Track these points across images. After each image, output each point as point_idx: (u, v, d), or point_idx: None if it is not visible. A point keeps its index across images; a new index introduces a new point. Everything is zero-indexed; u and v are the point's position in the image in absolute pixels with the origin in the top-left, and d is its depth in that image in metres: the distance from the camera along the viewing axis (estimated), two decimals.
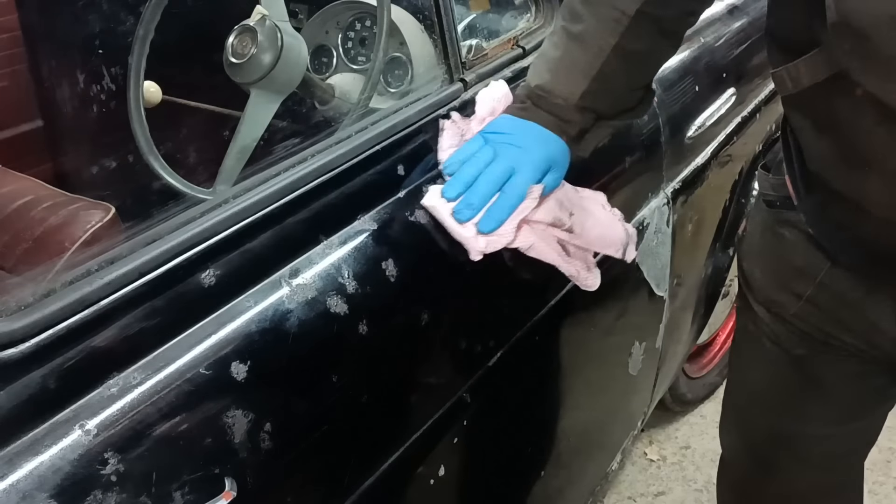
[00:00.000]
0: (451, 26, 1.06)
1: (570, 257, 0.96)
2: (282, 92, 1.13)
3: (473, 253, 0.88)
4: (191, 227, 0.76)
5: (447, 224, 0.88)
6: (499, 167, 0.89)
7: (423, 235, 0.90)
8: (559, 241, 0.95)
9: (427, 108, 1.01)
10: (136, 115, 1.19)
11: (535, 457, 1.19)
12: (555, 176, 0.93)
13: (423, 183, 0.93)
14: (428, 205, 0.89)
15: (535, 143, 0.92)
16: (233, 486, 0.67)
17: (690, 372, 2.00)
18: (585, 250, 0.98)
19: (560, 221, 0.94)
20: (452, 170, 0.91)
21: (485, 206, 0.88)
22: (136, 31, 1.20)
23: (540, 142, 0.92)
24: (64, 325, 0.65)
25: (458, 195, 0.88)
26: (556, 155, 0.93)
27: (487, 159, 0.89)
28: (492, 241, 0.88)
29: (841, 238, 0.90)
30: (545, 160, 0.91)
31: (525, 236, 0.90)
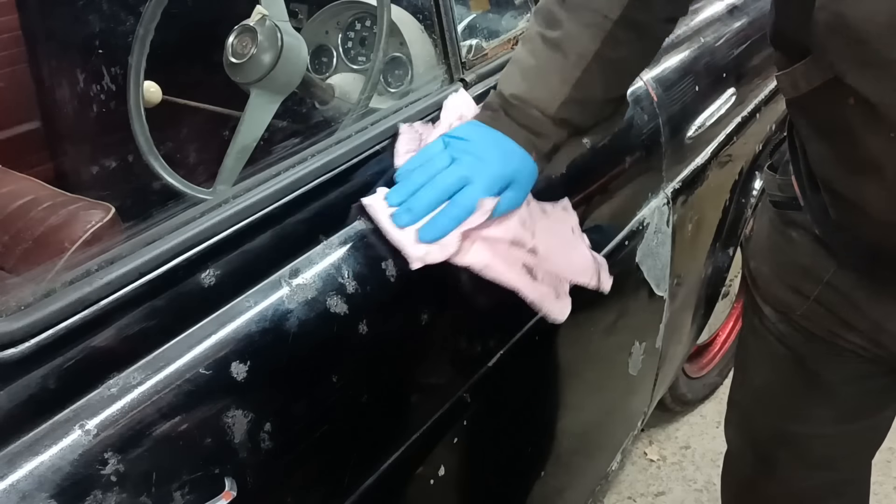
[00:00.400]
0: (451, 26, 1.06)
1: (536, 282, 0.88)
2: (282, 92, 1.13)
3: (412, 260, 0.82)
4: (191, 227, 0.76)
5: (384, 227, 0.82)
6: (451, 176, 0.83)
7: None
8: (525, 265, 0.88)
9: (427, 108, 1.01)
10: (136, 115, 1.19)
11: (535, 457, 1.19)
12: (515, 193, 0.87)
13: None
14: (366, 202, 0.84)
15: (497, 155, 0.86)
16: (233, 486, 0.67)
17: (690, 372, 2.00)
18: (557, 277, 0.91)
19: (521, 241, 0.87)
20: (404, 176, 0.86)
21: (428, 215, 0.82)
22: (136, 31, 1.20)
23: (503, 154, 0.86)
24: (64, 325, 0.65)
25: (401, 201, 0.83)
26: (518, 171, 0.87)
27: (441, 166, 0.84)
28: (432, 250, 0.82)
29: (844, 239, 0.90)
30: (504, 175, 0.85)
31: (478, 254, 0.84)
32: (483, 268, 0.85)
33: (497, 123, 0.88)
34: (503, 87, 0.91)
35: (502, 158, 0.86)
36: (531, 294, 0.87)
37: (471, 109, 0.93)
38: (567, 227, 0.96)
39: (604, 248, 1.18)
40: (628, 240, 1.24)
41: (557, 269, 0.91)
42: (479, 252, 0.84)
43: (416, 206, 0.82)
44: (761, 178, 1.75)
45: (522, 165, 0.87)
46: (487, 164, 0.84)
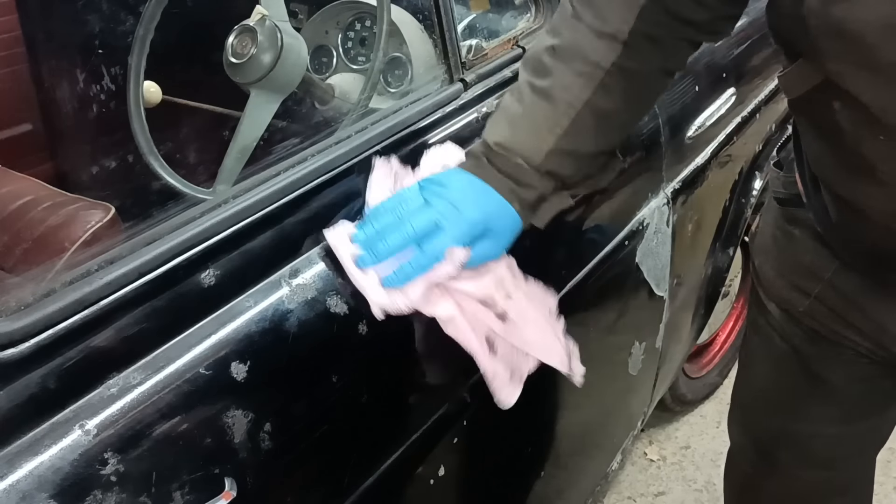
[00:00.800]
0: (451, 26, 1.06)
1: (493, 356, 0.82)
2: (282, 92, 1.13)
3: (374, 307, 0.77)
4: (191, 227, 0.76)
5: (346, 266, 0.78)
6: (421, 220, 0.78)
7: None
8: (488, 331, 0.82)
9: (427, 108, 1.01)
10: (136, 115, 1.19)
11: (535, 457, 1.19)
12: (491, 244, 0.81)
13: None
14: (329, 238, 0.80)
15: (474, 203, 0.80)
16: (233, 486, 0.67)
17: (690, 372, 2.00)
18: (518, 355, 0.84)
19: (492, 302, 0.81)
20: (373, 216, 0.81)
21: (391, 258, 0.77)
22: (136, 31, 1.20)
23: (480, 202, 0.81)
24: (64, 325, 0.65)
25: (365, 241, 0.78)
26: (495, 221, 0.81)
27: (412, 209, 0.79)
28: (396, 299, 0.77)
29: (845, 239, 0.90)
30: (479, 223, 0.80)
31: (445, 306, 0.80)
32: (447, 321, 0.80)
33: (480, 171, 0.83)
34: (488, 134, 0.86)
35: (479, 206, 0.80)
36: (484, 365, 0.81)
37: (455, 159, 0.88)
38: (544, 305, 0.88)
39: (604, 248, 1.18)
40: (628, 240, 1.24)
41: (524, 344, 0.84)
42: (445, 305, 0.80)
43: (381, 249, 0.77)
44: (762, 178, 1.76)
45: (501, 215, 0.82)
46: (462, 212, 0.79)
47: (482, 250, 0.81)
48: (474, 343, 0.81)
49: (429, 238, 0.77)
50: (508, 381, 0.83)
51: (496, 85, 1.12)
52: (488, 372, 0.82)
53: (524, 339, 0.84)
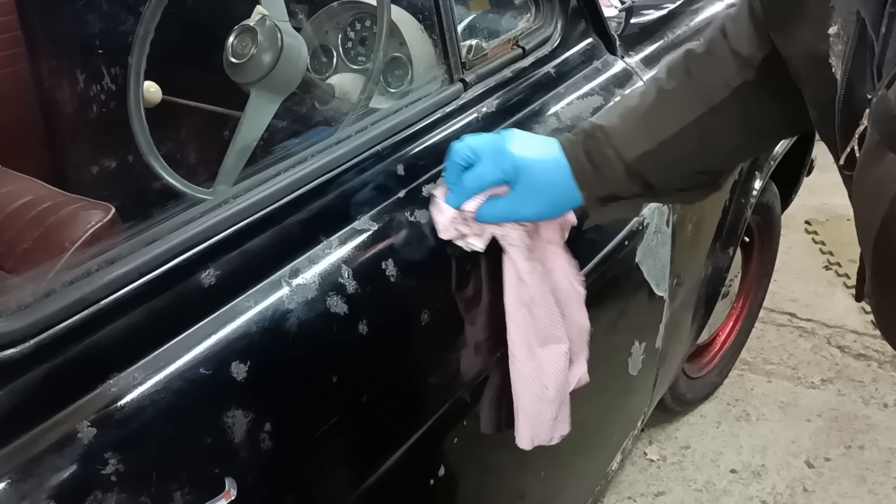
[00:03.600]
0: (451, 26, 1.06)
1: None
2: (282, 92, 1.13)
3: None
4: (191, 227, 0.76)
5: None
6: (460, 153, 0.84)
7: (424, 235, 0.90)
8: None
9: (427, 108, 1.01)
10: (136, 115, 1.19)
11: (535, 457, 1.19)
12: (531, 201, 0.84)
13: None
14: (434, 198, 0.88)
15: (524, 149, 0.83)
16: (233, 486, 0.67)
17: (690, 372, 2.00)
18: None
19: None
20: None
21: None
22: (136, 31, 1.19)
23: (536, 154, 0.84)
24: (64, 325, 0.65)
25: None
26: (545, 183, 0.84)
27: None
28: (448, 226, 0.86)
29: None
30: (517, 162, 0.82)
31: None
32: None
33: (568, 144, 0.85)
34: (598, 117, 0.88)
35: (527, 152, 0.83)
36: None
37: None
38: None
39: (604, 248, 1.18)
40: (628, 240, 1.24)
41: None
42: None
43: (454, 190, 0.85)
44: (761, 178, 1.76)
45: (558, 184, 0.84)
46: (505, 150, 0.82)
47: (517, 199, 0.83)
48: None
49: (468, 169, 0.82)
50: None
51: (496, 85, 1.12)
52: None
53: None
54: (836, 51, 0.65)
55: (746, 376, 2.22)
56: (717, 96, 0.82)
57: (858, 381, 2.19)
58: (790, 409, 2.11)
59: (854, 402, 2.12)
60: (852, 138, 0.64)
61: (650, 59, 1.37)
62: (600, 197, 0.86)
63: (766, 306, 2.34)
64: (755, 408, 2.12)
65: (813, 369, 2.24)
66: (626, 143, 0.84)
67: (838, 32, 0.64)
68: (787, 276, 2.57)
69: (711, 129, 0.83)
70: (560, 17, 1.26)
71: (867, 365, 2.24)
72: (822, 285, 2.58)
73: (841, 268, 2.63)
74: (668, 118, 0.83)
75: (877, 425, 2.04)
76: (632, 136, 0.84)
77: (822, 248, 2.75)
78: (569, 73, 1.24)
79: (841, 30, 0.64)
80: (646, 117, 0.84)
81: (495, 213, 0.84)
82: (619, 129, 0.85)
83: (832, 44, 0.65)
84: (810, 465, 1.94)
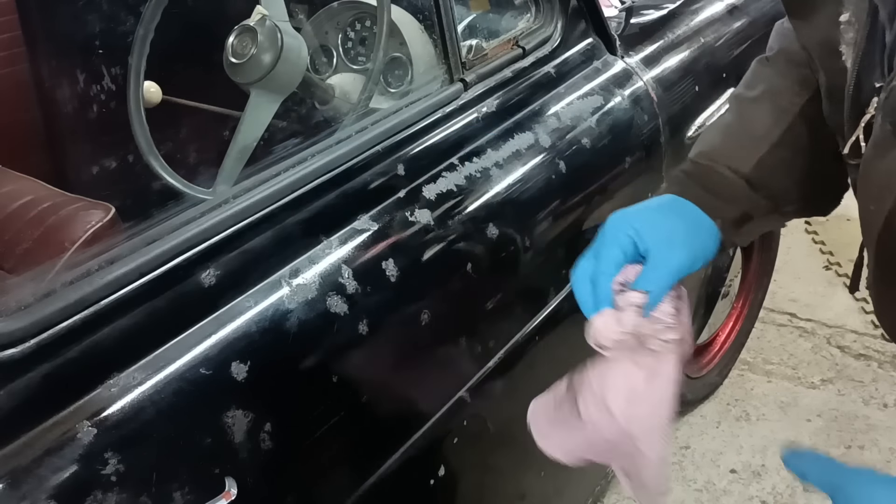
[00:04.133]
0: (451, 26, 1.06)
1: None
2: (282, 92, 1.13)
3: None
4: (191, 227, 0.76)
5: None
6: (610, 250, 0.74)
7: (424, 235, 0.90)
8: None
9: (427, 108, 1.01)
10: (136, 115, 1.19)
11: (535, 457, 1.19)
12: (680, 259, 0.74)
13: None
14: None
15: (676, 241, 0.74)
16: (233, 486, 0.67)
17: (690, 372, 2.00)
18: None
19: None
20: None
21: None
22: (136, 31, 1.19)
23: (683, 236, 0.74)
24: (64, 325, 0.65)
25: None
26: (689, 239, 0.74)
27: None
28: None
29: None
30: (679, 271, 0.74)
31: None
32: None
33: (680, 188, 0.77)
34: (692, 152, 0.80)
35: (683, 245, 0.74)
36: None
37: None
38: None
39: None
40: None
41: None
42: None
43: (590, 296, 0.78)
44: None
45: (697, 231, 0.75)
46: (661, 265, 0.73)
47: (659, 255, 0.73)
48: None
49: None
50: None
51: (496, 85, 1.12)
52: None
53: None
54: (846, 38, 0.64)
55: (746, 376, 2.22)
56: (811, 83, 0.75)
57: (858, 381, 2.19)
58: (790, 409, 2.11)
59: (854, 402, 2.12)
60: (857, 127, 0.63)
61: (650, 59, 1.37)
62: (734, 219, 0.77)
63: (766, 306, 2.34)
64: (755, 408, 2.12)
65: (813, 369, 2.24)
66: (737, 155, 0.77)
67: (850, 20, 0.63)
68: (787, 276, 2.57)
69: (819, 118, 0.74)
70: (560, 17, 1.26)
71: (867, 365, 2.24)
72: (822, 285, 2.58)
73: (841, 268, 2.63)
74: (771, 118, 0.77)
75: (877, 425, 2.04)
76: (741, 147, 0.78)
77: (822, 248, 2.75)
78: (569, 73, 1.24)
79: (853, 17, 0.63)
80: (748, 125, 0.78)
81: (652, 279, 0.74)
82: (724, 146, 0.78)
83: (843, 31, 0.64)
84: None
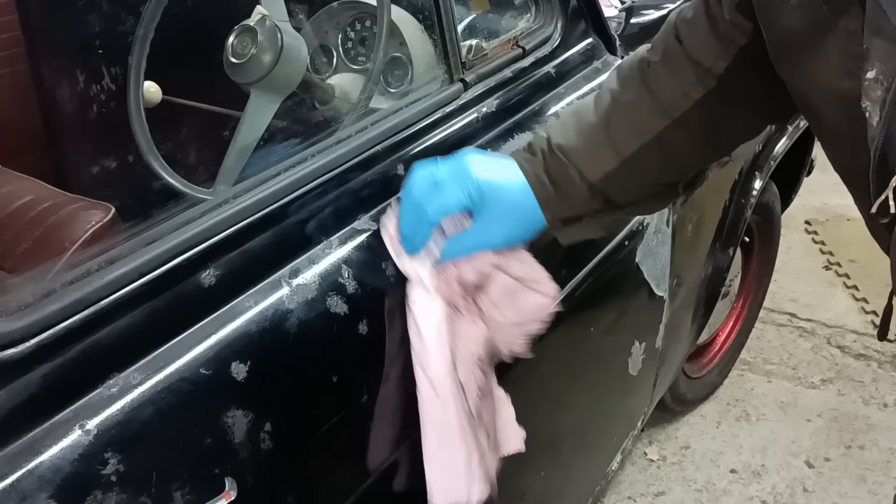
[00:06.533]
0: (451, 26, 1.06)
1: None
2: (282, 92, 1.13)
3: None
4: (191, 227, 0.76)
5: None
6: (420, 184, 0.80)
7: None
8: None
9: (427, 108, 1.01)
10: (136, 115, 1.19)
11: (536, 457, 1.19)
12: (496, 229, 0.80)
13: None
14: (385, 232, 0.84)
15: (487, 171, 0.79)
16: (233, 486, 0.67)
17: (690, 372, 2.00)
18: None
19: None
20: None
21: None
22: (136, 31, 1.19)
23: (497, 177, 0.80)
24: (64, 325, 0.65)
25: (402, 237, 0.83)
26: (511, 208, 0.80)
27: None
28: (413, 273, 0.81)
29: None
30: (483, 185, 0.79)
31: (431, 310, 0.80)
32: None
33: (528, 164, 0.82)
34: (554, 133, 0.84)
35: (491, 175, 0.79)
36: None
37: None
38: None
39: (604, 248, 1.18)
40: (628, 240, 1.24)
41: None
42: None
43: (407, 239, 0.82)
44: (761, 178, 1.76)
45: (523, 208, 0.81)
46: (469, 173, 0.78)
47: (483, 227, 0.79)
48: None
49: (428, 198, 0.78)
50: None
51: (496, 85, 1.12)
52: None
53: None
54: (872, 96, 0.63)
55: (746, 376, 2.22)
56: (678, 108, 0.79)
57: (858, 381, 2.19)
58: (790, 409, 2.11)
59: (854, 402, 2.12)
60: (888, 187, 0.62)
61: None
62: (564, 218, 0.83)
63: (766, 306, 2.34)
64: (755, 408, 2.12)
65: (813, 369, 2.24)
66: (589, 162, 0.81)
67: (877, 77, 0.62)
68: (787, 276, 2.57)
69: (674, 142, 0.80)
70: (560, 17, 1.26)
71: (867, 365, 2.24)
72: (822, 285, 2.58)
73: (841, 268, 2.63)
74: (630, 133, 0.80)
75: (877, 425, 2.04)
76: (595, 156, 0.81)
77: (822, 248, 2.75)
78: (569, 73, 1.24)
79: (880, 75, 0.62)
80: (607, 134, 0.81)
81: (463, 247, 0.80)
82: (580, 148, 0.82)
83: (868, 88, 0.63)
84: (810, 465, 1.94)
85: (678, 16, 0.82)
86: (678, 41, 0.80)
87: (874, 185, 0.64)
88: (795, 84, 0.71)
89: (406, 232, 0.81)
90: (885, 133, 0.62)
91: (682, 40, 0.79)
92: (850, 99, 0.64)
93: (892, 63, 0.61)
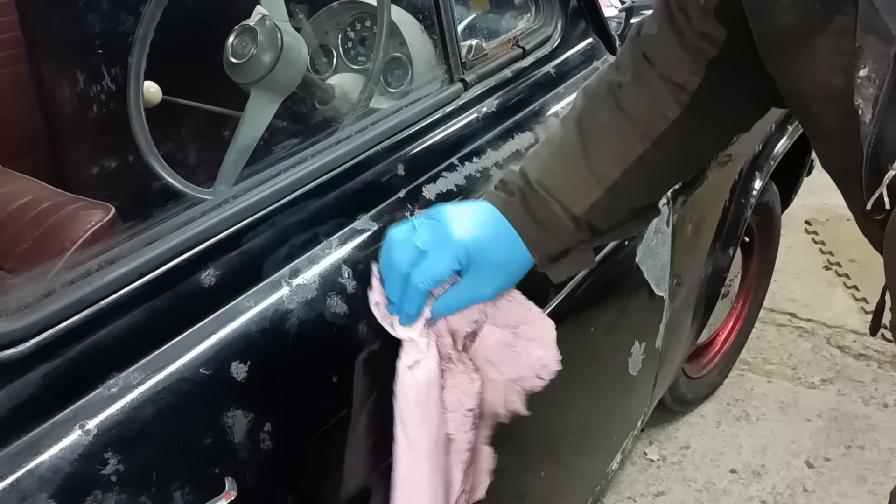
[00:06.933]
0: (451, 26, 1.06)
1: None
2: (282, 92, 1.13)
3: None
4: (191, 227, 0.76)
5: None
6: (403, 253, 0.75)
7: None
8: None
9: (427, 108, 1.01)
10: (136, 115, 1.19)
11: (536, 457, 1.19)
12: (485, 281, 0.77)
13: None
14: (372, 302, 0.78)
15: (471, 226, 0.75)
16: (233, 486, 0.67)
17: (690, 372, 2.00)
18: None
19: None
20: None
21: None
22: (136, 31, 1.19)
23: (482, 229, 0.76)
24: (64, 325, 0.65)
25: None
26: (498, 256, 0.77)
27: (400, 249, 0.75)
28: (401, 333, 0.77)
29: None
30: (469, 246, 0.75)
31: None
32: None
33: (507, 208, 0.78)
34: (529, 168, 0.80)
35: (476, 230, 0.75)
36: None
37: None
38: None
39: (604, 248, 1.18)
40: (628, 240, 1.24)
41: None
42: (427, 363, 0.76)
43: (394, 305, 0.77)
44: (761, 178, 1.76)
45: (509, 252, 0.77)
46: (452, 234, 0.74)
47: (473, 283, 0.75)
48: None
49: (415, 267, 0.73)
50: None
51: (496, 85, 1.12)
52: None
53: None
54: (864, 94, 0.62)
55: (746, 376, 2.22)
56: (656, 129, 0.77)
57: (858, 381, 2.19)
58: (790, 409, 2.11)
59: (854, 402, 2.12)
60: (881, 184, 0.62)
61: None
62: (552, 255, 0.80)
63: (766, 306, 2.34)
64: (755, 408, 2.12)
65: (813, 369, 2.24)
66: (573, 195, 0.78)
67: (869, 75, 0.62)
68: (787, 276, 2.57)
69: (655, 163, 0.78)
70: (560, 17, 1.26)
71: (867, 365, 2.24)
72: (822, 285, 2.58)
73: (841, 268, 2.63)
74: (610, 160, 0.78)
75: (877, 425, 2.04)
76: (578, 187, 0.78)
77: (822, 248, 2.75)
78: (569, 73, 1.24)
79: (872, 73, 0.61)
80: (586, 163, 0.78)
81: (454, 304, 0.76)
82: (560, 181, 0.78)
83: (861, 86, 0.62)
84: (810, 465, 1.94)
85: (641, 32, 0.79)
86: (647, 60, 0.78)
87: (867, 183, 0.64)
88: (787, 82, 0.71)
89: (398, 302, 0.76)
90: (878, 130, 0.62)
91: (650, 59, 0.78)
92: (843, 96, 0.64)
93: (884, 61, 0.61)
